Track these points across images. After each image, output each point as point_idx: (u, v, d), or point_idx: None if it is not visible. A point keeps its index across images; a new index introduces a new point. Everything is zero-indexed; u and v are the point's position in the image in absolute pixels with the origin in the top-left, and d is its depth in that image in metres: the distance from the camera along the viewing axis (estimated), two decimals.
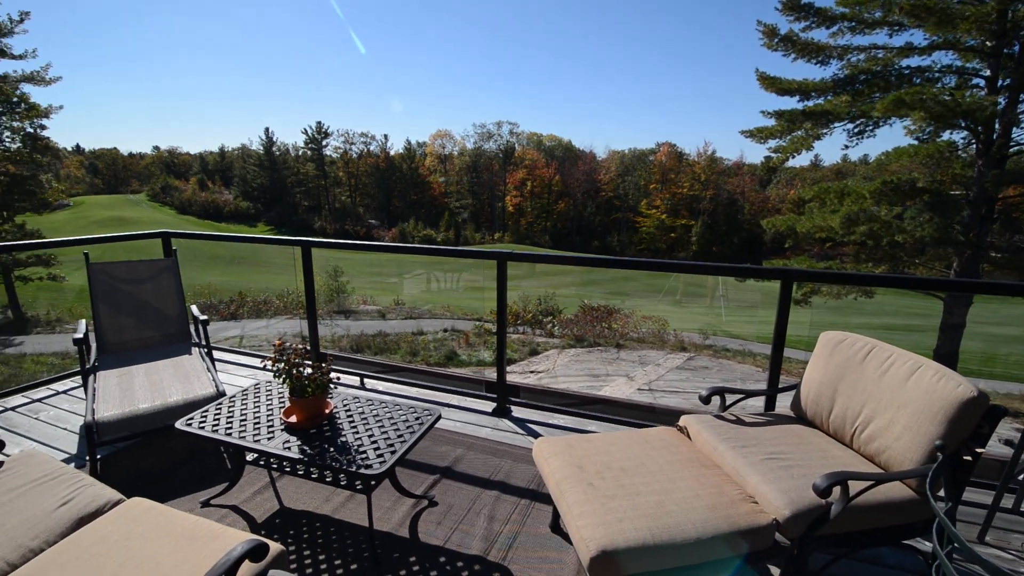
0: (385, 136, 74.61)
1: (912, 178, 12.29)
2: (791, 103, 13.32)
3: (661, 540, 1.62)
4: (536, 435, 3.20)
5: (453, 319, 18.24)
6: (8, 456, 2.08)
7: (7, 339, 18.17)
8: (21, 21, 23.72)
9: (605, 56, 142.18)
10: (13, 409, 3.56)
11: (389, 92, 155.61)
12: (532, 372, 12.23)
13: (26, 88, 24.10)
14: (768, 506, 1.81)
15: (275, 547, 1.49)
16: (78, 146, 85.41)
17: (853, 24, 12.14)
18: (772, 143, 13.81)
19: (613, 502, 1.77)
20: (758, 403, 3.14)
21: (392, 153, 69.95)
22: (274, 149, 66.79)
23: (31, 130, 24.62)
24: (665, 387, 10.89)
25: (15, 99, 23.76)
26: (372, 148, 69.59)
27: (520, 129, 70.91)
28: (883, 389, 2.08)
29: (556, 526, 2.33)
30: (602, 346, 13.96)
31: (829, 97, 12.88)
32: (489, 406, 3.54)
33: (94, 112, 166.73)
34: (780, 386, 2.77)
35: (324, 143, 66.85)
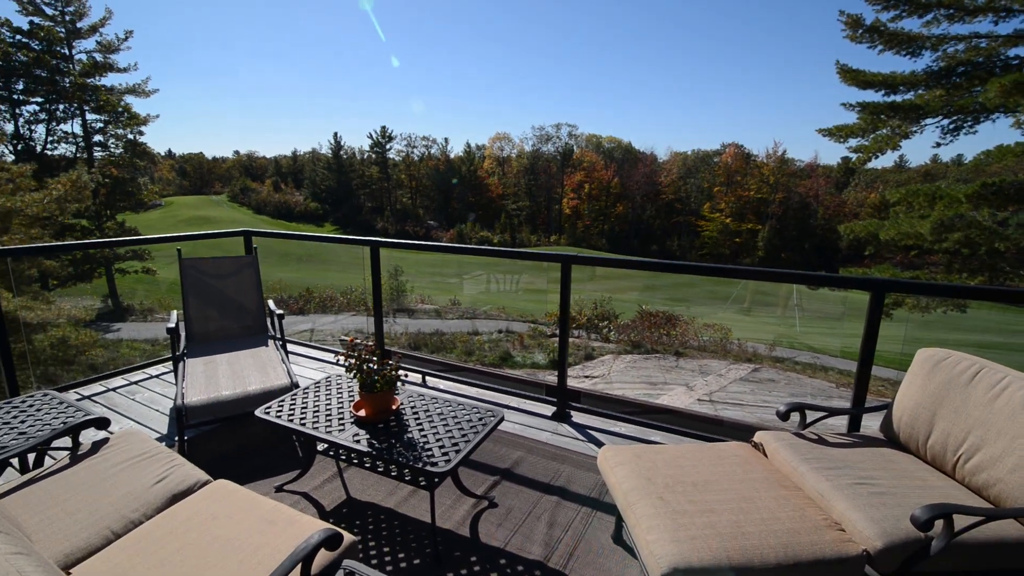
0: (446, 139, 76.32)
1: (1018, 180, 11.08)
2: (875, 98, 12.38)
3: (738, 562, 1.53)
4: (597, 442, 3.14)
5: (508, 320, 18.34)
6: (112, 433, 2.28)
7: (107, 326, 20.11)
8: (126, 39, 26.19)
9: (670, 54, 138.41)
10: (115, 390, 3.91)
11: (450, 96, 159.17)
12: (587, 377, 12.07)
13: (128, 99, 26.57)
14: (857, 535, 1.67)
15: (348, 537, 1.54)
16: (170, 151, 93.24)
17: (951, 11, 11.12)
18: (853, 142, 12.88)
19: (685, 518, 1.69)
20: (838, 422, 2.92)
21: (452, 156, 71.50)
22: (341, 153, 70.03)
23: (132, 137, 27.09)
24: (727, 399, 10.42)
25: (119, 109, 26.22)
26: (433, 151, 71.47)
27: (579, 131, 70.45)
28: (995, 415, 1.87)
29: (619, 537, 2.27)
30: (660, 353, 13.56)
31: (920, 91, 11.86)
32: (548, 410, 3.51)
33: (184, 119, 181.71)
34: (867, 405, 2.56)
35: (388, 147, 69.32)
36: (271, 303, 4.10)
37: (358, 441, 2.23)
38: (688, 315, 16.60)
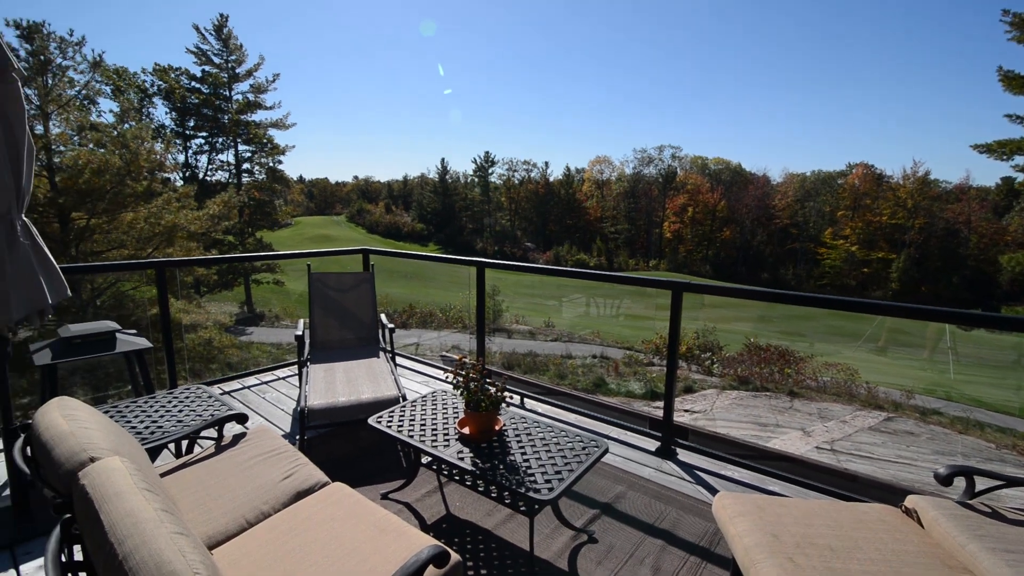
0: (546, 163, 77.84)
1: None
2: None
3: None
4: (706, 484, 2.90)
5: (603, 346, 17.94)
6: (247, 429, 2.53)
7: (242, 329, 22.81)
8: (273, 81, 30.09)
9: (783, 69, 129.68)
10: (249, 388, 4.37)
11: (552, 119, 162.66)
12: (687, 411, 11.37)
13: (271, 132, 30.42)
14: None
15: (454, 557, 1.54)
16: (301, 176, 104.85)
17: None
18: (1021, 159, 11.04)
19: None
20: (1014, 494, 2.44)
21: (551, 179, 72.61)
22: (447, 177, 74.20)
23: (272, 165, 30.89)
24: (853, 450, 9.22)
25: (264, 141, 30.05)
26: (533, 175, 73.14)
27: (683, 153, 68.14)
28: None
29: None
30: (771, 392, 12.41)
31: None
32: (652, 444, 3.32)
33: (313, 147, 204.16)
34: None
35: (490, 171, 72.24)
36: (383, 317, 4.36)
37: (462, 459, 2.26)
38: (806, 351, 15.07)
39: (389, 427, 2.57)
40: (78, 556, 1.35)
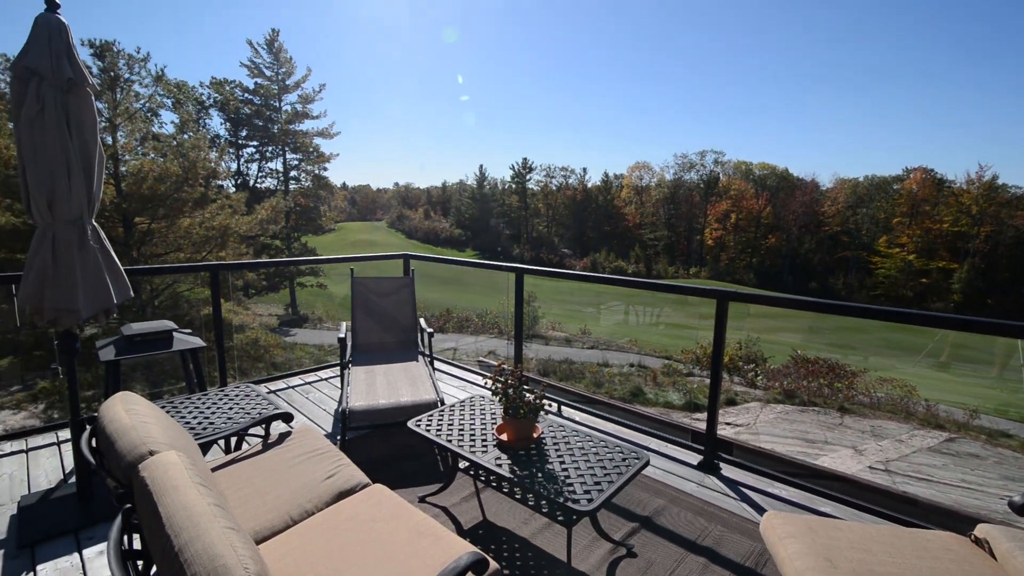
0: (584, 169, 77.16)
1: None
2: None
3: None
4: (751, 502, 2.79)
5: (640, 355, 17.61)
6: (292, 428, 2.60)
7: (286, 330, 23.61)
8: (320, 91, 31.18)
9: (831, 68, 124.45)
10: (293, 387, 4.51)
11: (592, 125, 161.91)
12: (728, 424, 11.00)
13: (317, 140, 31.49)
14: None
15: (493, 565, 1.53)
16: (344, 183, 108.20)
17: None
18: None
19: None
20: None
21: (589, 185, 72.12)
22: (485, 184, 74.87)
23: (318, 172, 31.96)
24: (910, 471, 8.68)
25: (311, 149, 31.14)
26: (571, 181, 72.84)
27: (726, 158, 66.35)
28: None
29: None
30: (819, 407, 11.86)
31: None
32: (693, 458, 3.22)
33: (356, 155, 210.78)
34: None
35: (528, 177, 72.40)
36: (423, 321, 4.42)
37: (500, 465, 2.25)
38: (859, 365, 14.33)
39: (428, 431, 2.59)
40: (136, 544, 1.42)
